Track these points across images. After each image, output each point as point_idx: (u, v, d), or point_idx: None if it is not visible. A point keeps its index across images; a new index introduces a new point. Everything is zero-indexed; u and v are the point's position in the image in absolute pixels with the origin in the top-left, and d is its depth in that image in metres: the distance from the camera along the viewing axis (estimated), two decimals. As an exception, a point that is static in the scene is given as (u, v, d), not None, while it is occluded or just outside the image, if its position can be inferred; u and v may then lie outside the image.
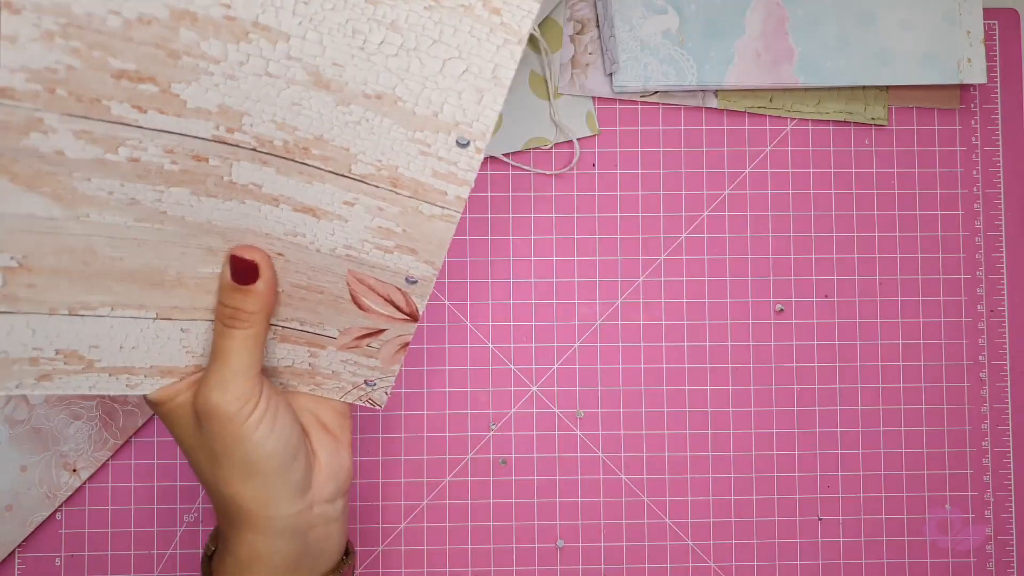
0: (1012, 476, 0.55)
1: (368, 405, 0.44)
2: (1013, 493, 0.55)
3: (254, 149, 0.34)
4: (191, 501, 0.52)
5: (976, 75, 0.53)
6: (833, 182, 0.55)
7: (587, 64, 0.54)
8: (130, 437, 0.52)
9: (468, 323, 0.54)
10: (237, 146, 0.34)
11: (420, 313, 0.40)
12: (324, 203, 0.36)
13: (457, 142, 0.34)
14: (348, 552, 0.43)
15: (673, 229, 0.54)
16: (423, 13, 0.32)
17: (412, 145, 0.35)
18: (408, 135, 0.34)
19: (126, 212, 0.33)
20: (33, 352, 0.35)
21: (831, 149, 0.55)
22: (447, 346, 0.54)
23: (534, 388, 0.54)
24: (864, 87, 0.54)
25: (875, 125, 0.55)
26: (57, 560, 0.52)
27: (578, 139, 0.54)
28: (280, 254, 0.37)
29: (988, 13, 0.56)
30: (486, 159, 0.54)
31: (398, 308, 0.40)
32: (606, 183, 0.54)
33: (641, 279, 0.54)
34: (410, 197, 0.36)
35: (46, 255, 0.33)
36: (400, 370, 0.49)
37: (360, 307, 0.39)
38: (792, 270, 0.55)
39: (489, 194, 0.54)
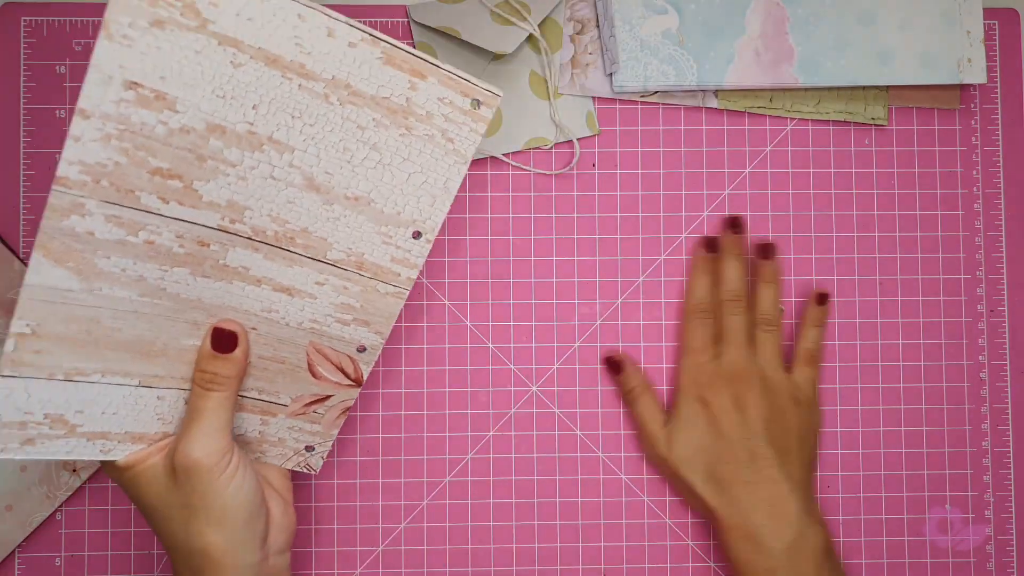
0: (1012, 476, 0.55)
1: (304, 471, 0.49)
2: (1013, 493, 0.55)
3: (249, 238, 0.41)
4: (191, 501, 0.52)
5: (976, 75, 0.53)
6: (833, 182, 0.55)
7: (587, 64, 0.54)
8: (130, 437, 0.52)
9: (468, 323, 0.54)
10: (235, 235, 0.40)
11: (364, 379, 0.47)
12: (299, 283, 0.43)
13: (413, 235, 0.43)
14: None
15: (673, 229, 0.54)
16: (398, 139, 0.41)
17: (378, 237, 0.43)
18: (376, 229, 0.43)
19: (132, 287, 0.39)
20: (24, 416, 0.39)
21: (831, 149, 0.55)
22: (447, 346, 0.54)
23: (534, 388, 0.54)
24: (864, 87, 0.54)
25: (875, 125, 0.55)
26: (57, 560, 0.52)
27: (578, 139, 0.54)
28: (254, 328, 0.43)
29: (988, 13, 0.56)
30: (486, 159, 0.54)
31: (346, 375, 0.46)
32: (606, 183, 0.54)
33: (641, 279, 0.54)
34: (371, 278, 0.44)
35: (56, 323, 0.38)
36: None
37: (314, 375, 0.46)
38: (792, 270, 0.55)
39: (489, 194, 0.54)
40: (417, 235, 0.43)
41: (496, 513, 0.53)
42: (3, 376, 0.38)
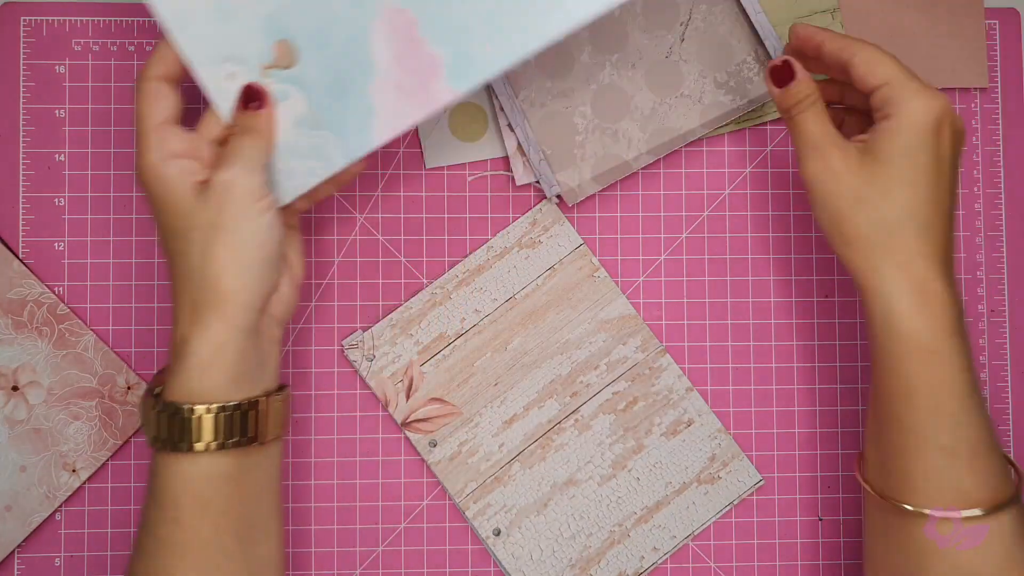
0: (1012, 476, 0.55)
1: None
2: (1014, 493, 0.55)
3: None
4: (191, 501, 0.52)
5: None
6: (833, 182, 0.55)
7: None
8: (130, 437, 0.52)
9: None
10: None
11: None
12: None
13: None
14: (283, 386, 0.46)
15: (673, 229, 0.54)
16: None
17: None
18: None
19: None
20: None
21: (831, 149, 0.55)
22: (447, 346, 0.54)
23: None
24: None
25: None
26: (57, 560, 0.52)
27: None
28: None
29: (988, 13, 0.55)
30: (487, 161, 0.54)
31: None
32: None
33: (641, 279, 0.54)
34: None
35: None
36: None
37: None
38: (792, 270, 0.55)
39: (489, 194, 0.54)
40: None
41: (496, 513, 0.53)
42: None
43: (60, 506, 0.52)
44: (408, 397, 0.52)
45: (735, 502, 0.53)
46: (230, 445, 0.41)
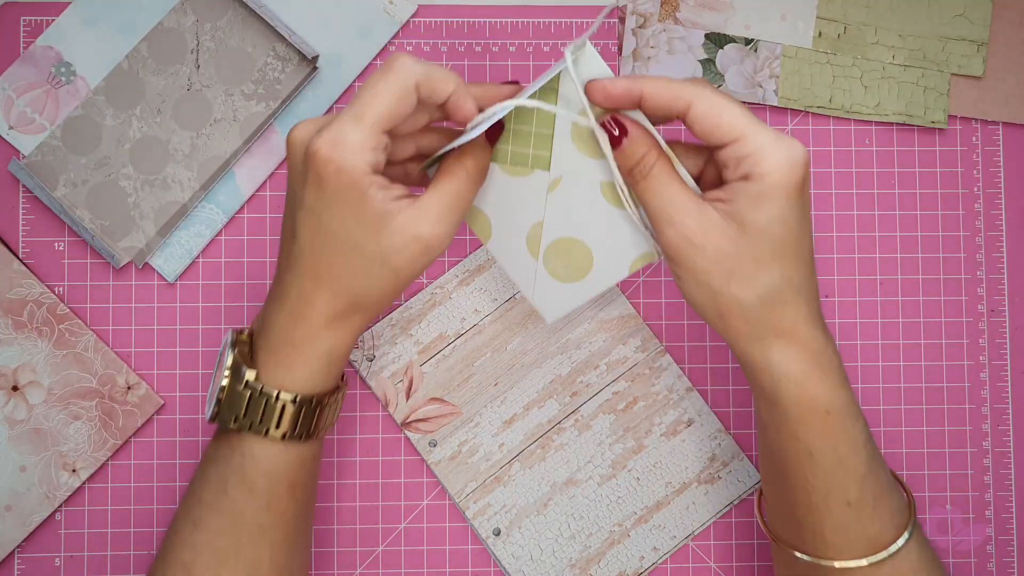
0: (1012, 476, 0.55)
1: None
2: (1014, 493, 0.55)
3: None
4: (191, 501, 0.52)
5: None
6: (834, 182, 0.55)
7: (648, 58, 0.53)
8: (130, 437, 0.52)
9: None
10: None
11: None
12: None
13: None
14: (344, 382, 0.46)
15: (673, 229, 0.54)
16: None
17: None
18: None
19: None
20: None
21: (831, 149, 0.55)
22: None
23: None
24: (924, 88, 0.54)
25: (935, 128, 0.54)
26: (57, 560, 0.52)
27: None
28: None
29: (988, 13, 0.55)
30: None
31: None
32: (606, 183, 0.54)
33: (641, 279, 0.54)
34: None
35: None
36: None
37: None
38: (792, 270, 0.55)
39: (489, 194, 0.54)
40: None
41: (496, 513, 0.53)
42: None
43: (60, 506, 0.52)
44: (408, 397, 0.52)
45: (735, 502, 0.53)
46: (301, 436, 0.42)
